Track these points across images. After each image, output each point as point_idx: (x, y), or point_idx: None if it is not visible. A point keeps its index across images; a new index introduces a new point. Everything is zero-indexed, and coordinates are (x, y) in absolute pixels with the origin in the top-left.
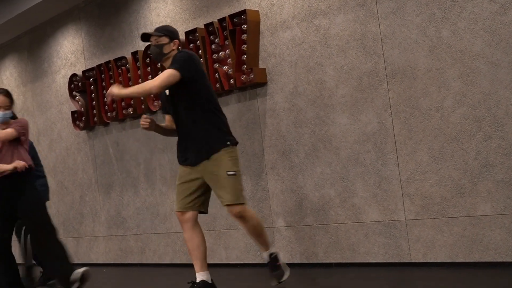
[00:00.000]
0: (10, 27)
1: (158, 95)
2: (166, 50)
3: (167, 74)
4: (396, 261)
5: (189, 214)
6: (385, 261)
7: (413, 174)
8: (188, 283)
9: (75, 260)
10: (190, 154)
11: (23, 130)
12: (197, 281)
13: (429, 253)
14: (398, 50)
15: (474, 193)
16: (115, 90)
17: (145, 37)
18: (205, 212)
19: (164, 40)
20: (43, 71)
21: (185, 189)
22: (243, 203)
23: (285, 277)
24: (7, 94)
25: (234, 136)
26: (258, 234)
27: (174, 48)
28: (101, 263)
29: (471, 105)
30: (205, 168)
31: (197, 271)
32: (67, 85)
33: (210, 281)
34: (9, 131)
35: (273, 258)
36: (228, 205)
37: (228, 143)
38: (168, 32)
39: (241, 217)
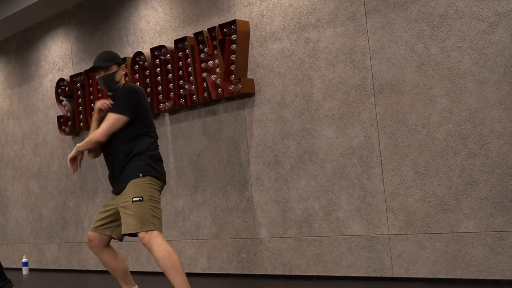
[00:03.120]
0: None
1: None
2: (117, 77)
3: (110, 122)
4: (379, 275)
5: (97, 239)
6: (367, 275)
7: (397, 189)
8: None
9: (57, 265)
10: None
11: None
12: None
13: (411, 268)
14: (386, 65)
15: (458, 210)
16: (73, 152)
17: (94, 69)
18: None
19: (114, 68)
20: (31, 75)
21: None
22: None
23: None
24: None
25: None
26: (166, 269)
27: (123, 73)
28: (83, 270)
29: (457, 122)
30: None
31: None
32: (54, 89)
33: None
34: None
35: None
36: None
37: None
38: (115, 59)
39: (148, 245)
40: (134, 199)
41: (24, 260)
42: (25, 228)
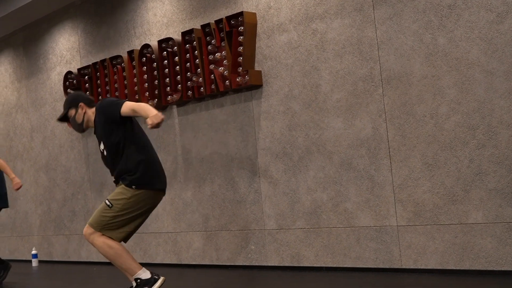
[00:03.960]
0: (6, 23)
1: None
2: (79, 119)
3: (131, 102)
4: (387, 266)
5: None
6: (375, 267)
7: (406, 180)
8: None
9: (66, 257)
10: None
11: None
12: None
13: (420, 259)
14: (394, 56)
15: (466, 201)
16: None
17: (61, 120)
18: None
19: (72, 112)
20: (38, 68)
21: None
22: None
23: None
24: None
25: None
26: (114, 261)
27: (84, 110)
28: (92, 261)
29: (465, 113)
30: None
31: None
32: (62, 82)
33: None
34: None
35: (139, 283)
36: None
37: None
38: (69, 103)
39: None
40: (106, 202)
41: (33, 252)
42: (34, 221)
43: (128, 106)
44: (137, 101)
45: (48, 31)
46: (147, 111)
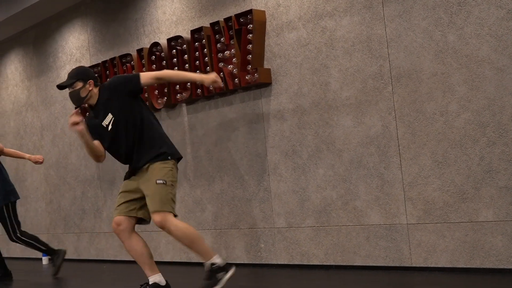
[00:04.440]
0: (16, 21)
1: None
2: (83, 93)
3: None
4: (397, 265)
5: (125, 222)
6: (385, 265)
7: (415, 178)
8: (141, 285)
9: (76, 255)
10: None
11: None
12: (150, 283)
13: (430, 257)
14: (403, 54)
15: (477, 198)
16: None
17: (61, 87)
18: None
19: (78, 84)
20: (48, 66)
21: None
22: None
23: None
24: None
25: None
26: (192, 244)
27: (91, 88)
28: (102, 259)
29: (475, 110)
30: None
31: (149, 276)
32: None
33: (163, 283)
34: None
35: (214, 269)
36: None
37: None
38: (79, 75)
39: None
40: (157, 181)
41: None
42: (44, 219)
43: (148, 76)
44: (146, 99)
45: (58, 30)
46: (183, 75)
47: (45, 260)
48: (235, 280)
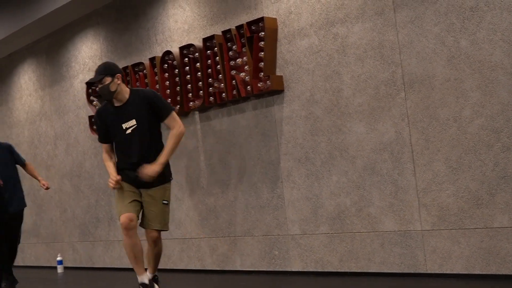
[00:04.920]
0: (29, 31)
1: (99, 126)
2: (113, 88)
3: (176, 115)
4: (412, 271)
5: (135, 220)
6: (400, 272)
7: (430, 184)
8: (145, 285)
9: (91, 264)
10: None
11: None
12: (146, 280)
13: (445, 264)
14: (416, 60)
15: (492, 204)
16: (150, 170)
17: (90, 83)
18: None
19: (107, 79)
20: (61, 76)
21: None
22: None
23: None
24: None
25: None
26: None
27: (119, 82)
28: (116, 268)
29: (489, 115)
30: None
31: (142, 273)
32: (84, 90)
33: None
34: None
35: (155, 280)
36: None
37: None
38: (107, 70)
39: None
40: (163, 202)
41: (58, 258)
42: (59, 227)
43: (175, 118)
44: None
45: (71, 39)
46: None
47: (60, 268)
48: (251, 287)
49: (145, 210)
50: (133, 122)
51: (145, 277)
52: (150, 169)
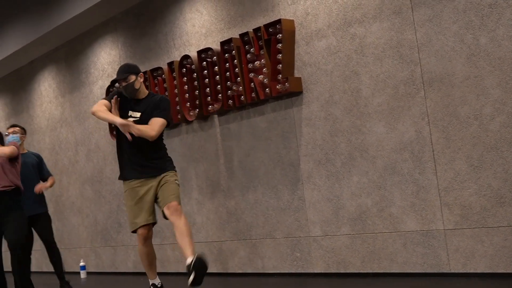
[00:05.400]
0: (48, 39)
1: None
2: (137, 85)
3: (161, 124)
4: (435, 271)
5: (151, 230)
6: (423, 271)
7: (451, 183)
8: (155, 286)
9: (114, 268)
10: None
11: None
12: (157, 282)
13: (469, 263)
14: (435, 58)
15: None
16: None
17: (116, 81)
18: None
19: (132, 77)
20: (81, 82)
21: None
22: None
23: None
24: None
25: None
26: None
27: (141, 80)
28: (139, 272)
29: (510, 113)
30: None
31: (154, 277)
32: (104, 96)
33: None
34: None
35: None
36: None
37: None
38: (132, 70)
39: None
40: (176, 181)
41: (81, 264)
42: (81, 233)
43: (160, 123)
44: (178, 112)
45: (90, 46)
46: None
47: (83, 273)
48: None
49: (160, 193)
50: (137, 114)
51: (156, 280)
52: (129, 124)
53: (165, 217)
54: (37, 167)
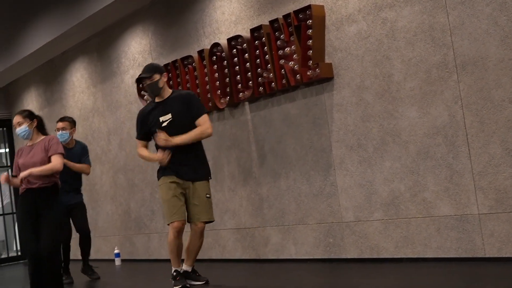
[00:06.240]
0: (80, 30)
1: (145, 122)
2: (161, 84)
3: (208, 119)
4: (470, 256)
5: (184, 224)
6: (458, 256)
7: (486, 167)
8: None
9: (147, 256)
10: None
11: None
12: (179, 269)
13: (505, 248)
14: (468, 41)
15: None
16: (166, 136)
17: (140, 80)
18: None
19: (156, 77)
20: (112, 72)
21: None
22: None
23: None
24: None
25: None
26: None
27: (165, 80)
28: None
29: None
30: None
31: (178, 266)
32: (135, 85)
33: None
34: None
35: (194, 271)
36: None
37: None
38: (156, 69)
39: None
40: (207, 195)
41: (116, 251)
42: (115, 221)
43: (206, 119)
44: (208, 100)
45: (120, 36)
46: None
47: (117, 261)
48: (308, 275)
49: (189, 204)
50: (169, 116)
51: (178, 267)
52: (166, 137)
53: (188, 221)
54: (78, 158)
